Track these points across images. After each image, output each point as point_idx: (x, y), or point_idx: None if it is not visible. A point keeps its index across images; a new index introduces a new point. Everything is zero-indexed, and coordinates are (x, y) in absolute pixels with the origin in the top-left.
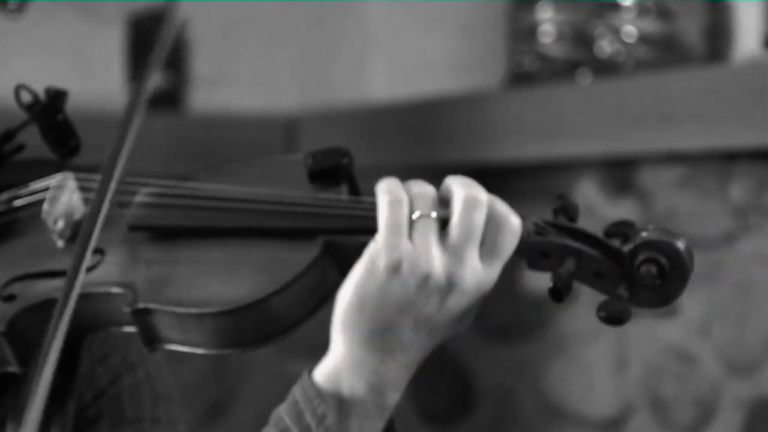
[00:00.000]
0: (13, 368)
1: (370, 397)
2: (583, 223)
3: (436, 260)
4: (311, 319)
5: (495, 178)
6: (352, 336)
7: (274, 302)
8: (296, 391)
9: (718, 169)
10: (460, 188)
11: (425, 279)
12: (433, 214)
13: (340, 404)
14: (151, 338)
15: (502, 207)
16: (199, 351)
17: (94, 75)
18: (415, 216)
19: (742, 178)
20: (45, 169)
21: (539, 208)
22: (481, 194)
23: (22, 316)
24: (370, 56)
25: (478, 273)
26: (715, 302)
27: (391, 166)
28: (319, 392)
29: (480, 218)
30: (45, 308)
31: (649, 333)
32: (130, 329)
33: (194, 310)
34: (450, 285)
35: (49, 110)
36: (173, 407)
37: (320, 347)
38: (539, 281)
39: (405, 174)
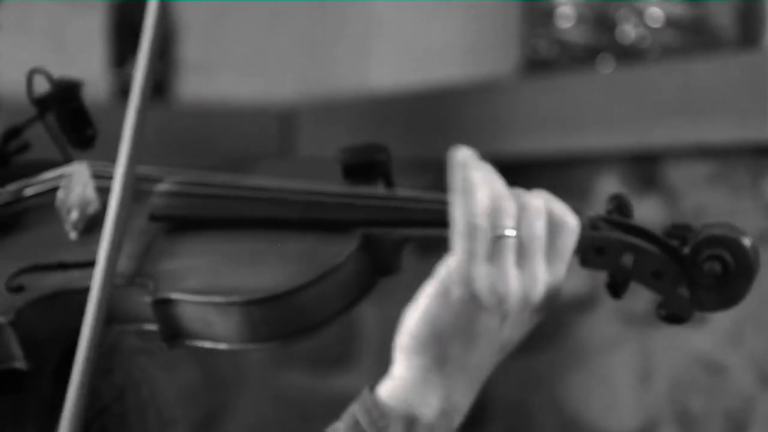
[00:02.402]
0: (20, 364)
1: (438, 422)
2: None
3: (513, 282)
4: (338, 321)
5: (509, 174)
6: (424, 361)
7: (307, 295)
8: (357, 411)
9: (751, 165)
10: (515, 199)
11: (503, 303)
12: (512, 233)
13: (408, 427)
14: (172, 333)
15: (558, 207)
16: (222, 346)
17: (73, 60)
18: (493, 237)
19: None
20: (50, 170)
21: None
22: (536, 201)
23: (30, 308)
24: (373, 41)
25: (546, 284)
26: (746, 308)
27: (396, 160)
28: (384, 413)
29: (541, 227)
30: (55, 301)
31: (675, 342)
32: (151, 326)
33: (220, 299)
34: (525, 303)
35: (64, 95)
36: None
37: (316, 359)
38: None
39: (409, 169)
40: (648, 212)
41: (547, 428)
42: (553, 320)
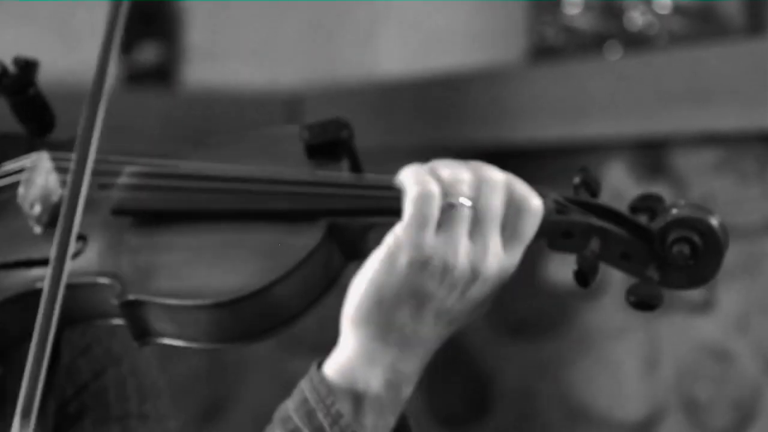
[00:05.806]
0: None
1: (386, 393)
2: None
3: (463, 252)
4: (314, 309)
5: (515, 161)
6: (368, 331)
7: (276, 292)
8: (305, 388)
9: (759, 152)
10: (474, 171)
11: (450, 272)
12: (468, 203)
13: (355, 402)
14: (141, 332)
15: (521, 187)
16: (194, 345)
17: (79, 46)
18: (446, 204)
19: None
20: (14, 145)
21: (563, 193)
22: (497, 174)
23: None
24: (379, 27)
25: (500, 260)
26: (753, 295)
27: (402, 147)
28: (331, 389)
29: (498, 200)
30: (23, 301)
31: (682, 329)
32: (118, 322)
33: (188, 302)
34: (474, 275)
35: (19, 84)
36: (162, 402)
37: (323, 344)
38: (561, 272)
39: (417, 157)
40: None
41: (553, 416)
42: (559, 308)
